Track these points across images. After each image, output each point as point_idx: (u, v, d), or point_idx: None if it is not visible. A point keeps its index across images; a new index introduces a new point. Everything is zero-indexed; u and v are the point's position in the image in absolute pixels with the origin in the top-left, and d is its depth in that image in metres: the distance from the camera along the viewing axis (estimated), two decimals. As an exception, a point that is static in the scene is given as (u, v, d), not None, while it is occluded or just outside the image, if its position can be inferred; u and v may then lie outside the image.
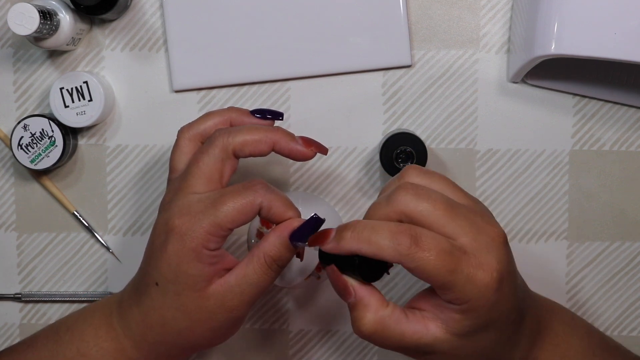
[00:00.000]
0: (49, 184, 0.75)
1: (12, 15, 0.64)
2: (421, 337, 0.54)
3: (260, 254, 0.59)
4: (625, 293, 0.75)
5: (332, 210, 0.73)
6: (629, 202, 0.74)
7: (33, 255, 0.76)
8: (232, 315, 0.59)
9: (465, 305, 0.52)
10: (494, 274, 0.52)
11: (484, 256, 0.52)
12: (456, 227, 0.52)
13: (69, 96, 0.71)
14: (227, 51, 0.73)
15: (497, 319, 0.54)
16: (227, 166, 0.60)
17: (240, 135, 0.60)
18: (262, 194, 0.58)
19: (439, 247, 0.51)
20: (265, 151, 0.60)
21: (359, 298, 0.55)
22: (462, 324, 0.53)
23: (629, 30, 0.62)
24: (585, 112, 0.74)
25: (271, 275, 0.59)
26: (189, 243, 0.57)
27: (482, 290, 0.52)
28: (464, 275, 0.51)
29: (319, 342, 0.76)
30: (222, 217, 0.57)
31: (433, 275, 0.51)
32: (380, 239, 0.52)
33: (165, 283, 0.59)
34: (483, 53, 0.73)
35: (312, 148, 0.61)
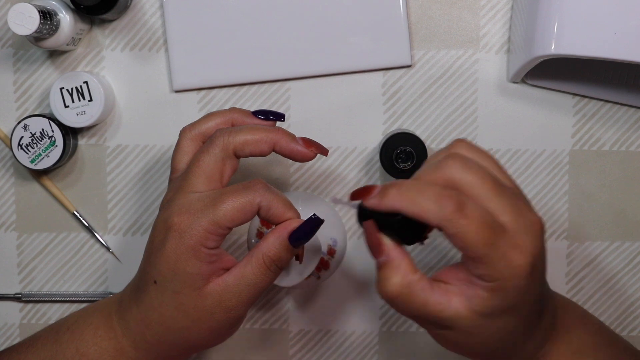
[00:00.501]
0: (49, 184, 0.75)
1: (12, 15, 0.64)
2: (443, 309, 0.53)
3: (259, 255, 0.59)
4: (626, 293, 0.75)
5: (332, 210, 0.73)
6: (629, 202, 0.74)
7: (33, 255, 0.76)
8: (231, 315, 0.59)
9: (495, 284, 0.52)
10: (529, 258, 0.52)
11: (523, 238, 0.52)
12: (499, 204, 0.52)
13: (69, 96, 0.71)
14: (227, 51, 0.73)
15: (522, 305, 0.53)
16: (228, 165, 0.60)
17: (241, 134, 0.60)
18: (262, 193, 0.58)
19: (482, 218, 0.51)
20: (265, 151, 0.60)
21: (390, 258, 0.54)
22: (487, 303, 0.52)
23: (629, 30, 0.62)
24: (585, 112, 0.74)
25: (270, 276, 0.59)
26: (188, 241, 0.57)
27: (514, 271, 0.51)
28: (500, 252, 0.51)
29: (319, 342, 0.76)
30: (221, 216, 0.57)
31: (471, 244, 0.51)
32: (425, 200, 0.51)
33: (164, 281, 0.59)
34: (483, 53, 0.73)
35: (312, 149, 0.61)
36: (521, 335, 0.56)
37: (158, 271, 0.59)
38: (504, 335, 0.55)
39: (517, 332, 0.55)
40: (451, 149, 0.55)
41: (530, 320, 0.55)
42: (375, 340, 0.76)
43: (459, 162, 0.53)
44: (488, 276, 0.52)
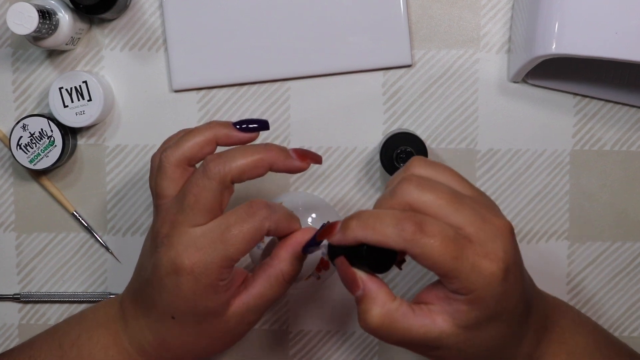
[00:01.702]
0: (48, 184, 0.75)
1: (11, 15, 0.64)
2: (428, 330, 0.53)
3: (278, 275, 0.60)
4: (627, 293, 0.75)
5: (332, 210, 0.73)
6: (630, 202, 0.74)
7: (32, 256, 0.76)
8: (250, 327, 0.62)
9: (472, 295, 0.52)
10: (500, 264, 0.52)
11: (490, 246, 0.52)
12: (461, 216, 0.52)
13: (68, 96, 0.71)
14: (227, 51, 0.73)
15: (504, 311, 0.53)
16: (226, 195, 0.59)
17: (235, 162, 0.58)
18: (266, 215, 0.58)
19: (443, 234, 0.51)
20: (262, 174, 0.59)
21: (367, 291, 0.54)
22: (469, 315, 0.53)
23: (629, 29, 0.62)
24: (586, 112, 0.73)
25: (287, 288, 0.61)
26: (204, 280, 0.57)
27: (488, 280, 0.52)
28: (469, 263, 0.51)
29: (319, 342, 0.76)
30: (233, 250, 0.57)
31: (438, 261, 0.51)
32: (384, 226, 0.52)
33: (183, 316, 0.59)
34: (483, 53, 0.73)
35: (307, 160, 0.61)
36: (511, 340, 0.56)
37: (176, 309, 0.59)
38: (494, 343, 0.55)
39: (506, 339, 0.55)
40: (406, 170, 0.55)
41: (517, 323, 0.55)
42: (375, 340, 0.76)
43: (414, 184, 0.53)
44: (463, 289, 0.52)
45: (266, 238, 0.69)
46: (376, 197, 0.74)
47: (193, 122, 0.74)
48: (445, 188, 0.53)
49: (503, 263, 0.52)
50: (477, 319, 0.53)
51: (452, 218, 0.52)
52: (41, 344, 0.64)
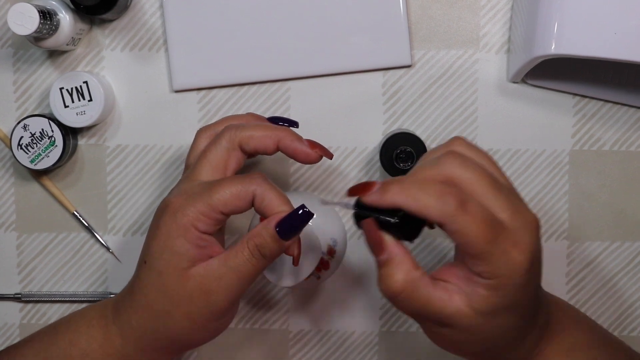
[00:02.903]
0: (49, 184, 0.75)
1: (12, 15, 0.64)
2: (445, 306, 0.53)
3: (244, 240, 0.59)
4: (626, 293, 0.75)
5: (332, 211, 0.73)
6: (629, 202, 0.74)
7: (33, 255, 0.76)
8: (210, 301, 0.59)
9: (495, 281, 0.52)
10: (527, 255, 0.52)
11: (521, 236, 0.52)
12: (498, 201, 0.52)
13: (69, 96, 0.71)
14: (227, 51, 0.73)
15: (520, 303, 0.53)
16: (233, 158, 0.61)
17: (248, 130, 0.61)
18: (259, 183, 0.59)
19: (483, 215, 0.51)
20: (270, 147, 0.61)
21: (392, 255, 0.54)
22: (487, 300, 0.52)
23: (629, 30, 0.62)
24: (585, 112, 0.74)
25: (253, 263, 0.59)
26: (180, 219, 0.58)
27: (514, 268, 0.52)
28: (500, 249, 0.51)
29: (319, 342, 0.76)
30: (215, 199, 0.58)
31: (472, 241, 0.51)
32: (427, 196, 0.51)
33: (152, 260, 0.60)
34: (483, 53, 0.73)
35: (316, 150, 0.62)
36: (519, 333, 0.56)
37: (149, 251, 0.60)
38: (502, 333, 0.55)
39: (515, 330, 0.55)
40: (449, 147, 0.55)
41: (527, 318, 0.56)
42: (375, 340, 0.76)
43: (458, 160, 0.53)
44: (488, 273, 0.52)
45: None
46: (376, 197, 0.74)
47: (193, 123, 0.74)
48: (486, 171, 0.54)
49: (530, 254, 0.52)
50: (494, 306, 0.53)
51: (490, 201, 0.52)
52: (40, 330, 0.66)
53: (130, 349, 0.62)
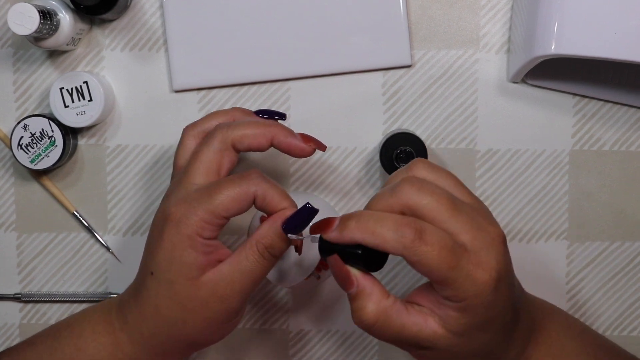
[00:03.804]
0: (49, 184, 0.75)
1: (12, 15, 0.64)
2: (420, 330, 0.54)
3: (252, 242, 0.59)
4: (626, 293, 0.75)
5: (332, 211, 0.73)
6: (629, 202, 0.74)
7: (33, 255, 0.76)
8: (225, 305, 0.59)
9: (463, 303, 0.52)
10: (492, 273, 0.52)
11: (484, 255, 0.52)
12: (458, 224, 0.52)
13: (69, 96, 0.71)
14: (227, 51, 0.73)
15: (493, 318, 0.54)
16: (226, 158, 0.60)
17: (240, 129, 0.60)
18: (257, 182, 0.58)
19: (442, 243, 0.51)
20: (263, 144, 0.61)
21: (361, 288, 0.54)
22: (459, 322, 0.53)
23: (629, 30, 0.62)
24: (586, 112, 0.74)
25: (264, 264, 0.59)
26: (184, 230, 0.58)
27: (480, 289, 0.52)
28: (463, 273, 0.52)
29: (319, 342, 0.76)
30: (217, 205, 0.57)
31: (434, 270, 0.51)
32: (384, 230, 0.52)
33: (160, 272, 0.59)
34: (483, 53, 0.73)
35: (310, 144, 0.62)
36: (499, 345, 0.56)
37: (155, 262, 0.59)
38: (483, 350, 0.55)
39: (494, 345, 0.56)
40: (409, 171, 0.56)
41: (506, 330, 0.56)
42: (375, 340, 0.76)
43: (415, 186, 0.53)
44: (455, 297, 0.52)
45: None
46: (376, 197, 0.74)
47: (193, 122, 0.74)
48: (445, 193, 0.53)
49: (495, 272, 0.52)
50: (467, 326, 0.53)
51: (448, 224, 0.52)
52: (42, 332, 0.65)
53: (142, 355, 0.62)
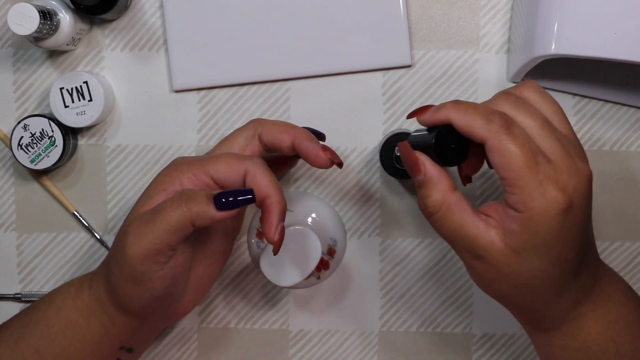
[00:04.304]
0: (49, 184, 0.75)
1: (12, 15, 0.64)
2: (479, 234, 0.54)
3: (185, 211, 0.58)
4: (626, 293, 0.75)
5: (332, 210, 0.73)
6: (629, 202, 0.74)
7: (33, 255, 0.76)
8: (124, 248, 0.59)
9: (527, 214, 0.52)
10: (565, 196, 0.52)
11: (565, 177, 0.53)
12: (548, 143, 0.53)
13: (69, 96, 0.71)
14: (227, 51, 0.73)
15: (553, 247, 0.53)
16: (250, 146, 0.64)
17: (270, 124, 0.64)
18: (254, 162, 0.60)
19: (526, 141, 0.52)
20: (286, 141, 0.63)
21: (428, 176, 0.55)
22: (519, 237, 0.53)
23: (629, 30, 0.62)
24: (585, 112, 0.74)
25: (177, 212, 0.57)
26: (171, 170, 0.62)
27: (547, 204, 0.52)
28: (537, 179, 0.52)
29: (319, 342, 0.76)
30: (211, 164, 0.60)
31: (510, 162, 0.52)
32: (475, 113, 0.53)
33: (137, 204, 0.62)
34: (483, 53, 0.73)
35: (327, 153, 0.62)
36: (551, 284, 0.55)
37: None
38: (534, 281, 0.54)
39: (547, 280, 0.55)
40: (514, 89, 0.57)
41: (563, 270, 0.55)
42: (375, 340, 0.76)
43: (511, 100, 0.55)
44: (522, 204, 0.52)
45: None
46: (376, 197, 0.75)
47: (193, 122, 0.74)
48: (541, 116, 0.54)
49: (569, 198, 0.52)
50: (525, 243, 0.53)
51: (540, 140, 0.53)
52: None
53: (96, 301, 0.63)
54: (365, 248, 0.75)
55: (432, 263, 0.75)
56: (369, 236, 0.75)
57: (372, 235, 0.75)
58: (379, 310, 0.76)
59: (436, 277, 0.75)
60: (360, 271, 0.75)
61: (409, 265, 0.75)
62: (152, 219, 0.58)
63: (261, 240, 0.70)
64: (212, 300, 0.76)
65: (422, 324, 0.76)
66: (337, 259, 0.70)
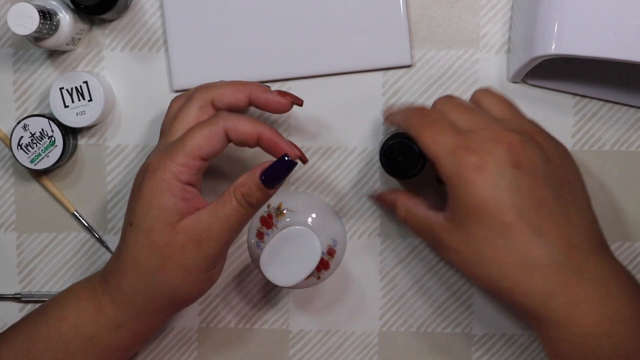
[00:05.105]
0: (49, 184, 0.75)
1: (12, 15, 0.64)
2: (432, 221, 0.61)
3: (231, 190, 0.60)
4: (626, 293, 0.75)
5: (332, 211, 0.73)
6: (629, 202, 0.74)
7: (33, 255, 0.76)
8: (202, 252, 0.60)
9: (448, 184, 0.58)
10: (477, 160, 0.57)
11: (475, 142, 0.57)
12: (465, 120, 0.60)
13: (69, 96, 0.71)
14: (227, 51, 0.73)
15: (484, 211, 0.57)
16: (205, 116, 0.63)
17: (218, 87, 0.64)
18: (225, 117, 0.61)
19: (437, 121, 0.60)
20: (242, 100, 0.63)
21: (395, 203, 0.66)
22: (451, 209, 0.59)
23: (629, 30, 0.62)
24: (585, 112, 0.74)
25: (241, 212, 0.60)
26: (161, 175, 0.59)
27: (460, 169, 0.57)
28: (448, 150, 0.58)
29: (319, 342, 0.76)
30: (190, 146, 0.59)
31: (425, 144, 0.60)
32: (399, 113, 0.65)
33: (139, 220, 0.60)
34: (483, 53, 0.73)
35: (287, 97, 0.64)
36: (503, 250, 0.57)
37: (134, 213, 0.61)
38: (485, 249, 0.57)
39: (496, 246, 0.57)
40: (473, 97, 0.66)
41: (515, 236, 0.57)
42: (375, 340, 0.76)
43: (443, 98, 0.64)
44: (443, 176, 0.59)
45: (267, 238, 0.69)
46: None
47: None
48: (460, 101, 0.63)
49: (481, 160, 0.57)
50: (457, 213, 0.58)
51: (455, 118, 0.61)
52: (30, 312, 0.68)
53: (124, 315, 0.62)
54: (365, 248, 0.75)
55: (432, 263, 0.75)
56: (369, 236, 0.75)
57: (372, 235, 0.75)
58: (379, 310, 0.76)
59: (436, 277, 0.75)
60: (360, 271, 0.75)
61: (409, 265, 0.75)
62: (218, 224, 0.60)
63: (261, 241, 0.70)
64: (212, 300, 0.76)
65: (422, 324, 0.76)
66: (337, 259, 0.70)
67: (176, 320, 0.76)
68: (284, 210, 0.70)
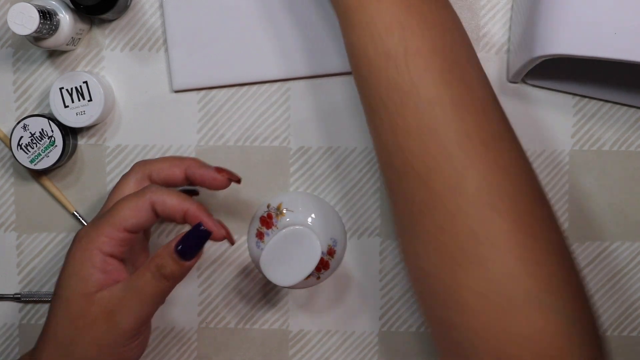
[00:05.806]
0: (49, 184, 0.75)
1: (11, 15, 0.64)
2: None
3: (147, 261, 0.60)
4: (626, 293, 0.75)
5: (332, 211, 0.73)
6: (629, 202, 0.74)
7: (33, 255, 0.76)
8: (114, 325, 0.59)
9: None
10: None
11: None
12: None
13: (69, 96, 0.71)
14: (227, 51, 0.73)
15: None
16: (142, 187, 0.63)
17: (155, 163, 0.65)
18: (152, 190, 0.60)
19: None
20: (178, 175, 0.64)
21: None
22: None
23: (629, 30, 0.62)
24: (585, 112, 0.74)
25: (156, 285, 0.59)
26: (85, 245, 0.60)
27: None
28: None
29: (319, 342, 0.76)
30: (116, 217, 0.59)
31: None
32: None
33: (60, 289, 0.60)
34: (483, 53, 0.73)
35: (223, 174, 0.63)
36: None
37: (58, 281, 0.61)
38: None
39: None
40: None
41: None
42: (375, 340, 0.76)
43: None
44: None
45: (267, 238, 0.70)
46: (376, 197, 0.74)
47: (193, 123, 0.74)
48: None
49: None
50: None
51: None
52: None
53: None
54: (365, 248, 0.75)
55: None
56: (369, 236, 0.75)
57: (372, 235, 0.75)
58: (379, 310, 0.76)
59: (436, 277, 0.75)
60: (360, 271, 0.75)
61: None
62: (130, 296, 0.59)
63: (261, 241, 0.70)
64: (212, 300, 0.76)
65: (422, 324, 0.76)
66: (337, 259, 0.70)
67: (176, 320, 0.76)
68: (284, 210, 0.70)
